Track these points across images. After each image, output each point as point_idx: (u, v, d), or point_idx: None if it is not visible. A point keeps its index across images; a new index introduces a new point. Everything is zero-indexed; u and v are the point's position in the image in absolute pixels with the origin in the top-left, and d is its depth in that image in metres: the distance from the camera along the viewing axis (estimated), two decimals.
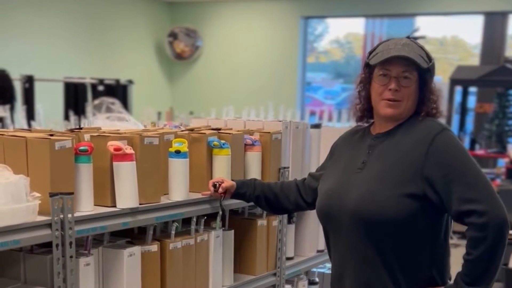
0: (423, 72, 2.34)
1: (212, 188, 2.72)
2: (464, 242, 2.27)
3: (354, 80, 2.54)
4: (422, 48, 2.38)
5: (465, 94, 10.13)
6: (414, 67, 2.32)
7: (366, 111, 2.47)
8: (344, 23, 12.22)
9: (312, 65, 12.49)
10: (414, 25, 10.82)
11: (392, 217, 2.23)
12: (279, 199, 2.78)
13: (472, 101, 10.41)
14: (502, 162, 9.14)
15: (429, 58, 2.38)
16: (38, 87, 8.10)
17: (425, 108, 2.38)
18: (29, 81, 7.96)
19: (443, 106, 2.46)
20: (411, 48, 2.34)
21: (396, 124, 2.38)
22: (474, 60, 10.99)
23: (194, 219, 2.75)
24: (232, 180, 2.80)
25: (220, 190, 2.72)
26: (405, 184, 2.24)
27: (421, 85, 2.37)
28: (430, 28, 11.54)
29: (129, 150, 2.40)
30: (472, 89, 10.34)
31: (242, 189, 2.78)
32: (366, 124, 2.53)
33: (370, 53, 2.43)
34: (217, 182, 2.73)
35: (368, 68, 2.42)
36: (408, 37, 2.43)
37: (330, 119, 5.59)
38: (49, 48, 9.79)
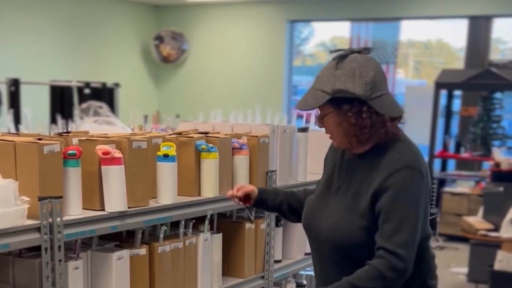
0: (335, 100, 2.25)
1: (232, 193, 2.64)
2: (450, 244, 2.31)
3: None
4: (334, 74, 2.25)
5: (450, 97, 10.19)
6: (324, 104, 2.28)
7: None
8: (329, 27, 12.27)
9: (298, 68, 12.52)
10: (399, 29, 10.88)
11: (360, 244, 2.28)
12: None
13: (457, 105, 10.47)
14: (487, 165, 9.20)
15: (334, 86, 2.24)
16: (23, 90, 8.06)
17: (355, 134, 2.29)
18: (15, 84, 7.92)
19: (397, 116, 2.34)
20: (317, 85, 2.29)
21: (365, 151, 2.35)
22: (459, 63, 11.06)
23: (183, 223, 2.76)
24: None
25: (239, 193, 2.61)
26: (367, 216, 2.26)
27: (342, 112, 2.27)
28: (415, 31, 11.62)
29: (117, 154, 2.41)
30: (457, 93, 10.40)
31: (264, 195, 2.66)
32: None
33: None
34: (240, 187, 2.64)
35: None
36: (337, 50, 2.32)
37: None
38: (35, 51, 9.75)
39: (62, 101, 8.55)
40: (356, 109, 2.25)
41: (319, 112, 2.33)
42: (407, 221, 2.20)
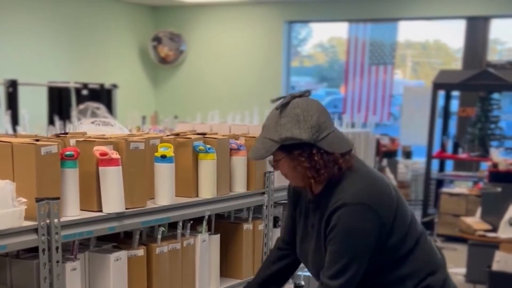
0: (284, 147, 2.32)
1: None
2: (448, 245, 2.34)
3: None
4: (279, 122, 2.31)
5: (448, 98, 10.20)
6: (275, 151, 2.35)
7: None
8: (327, 28, 12.29)
9: (296, 69, 12.53)
10: (397, 30, 10.90)
11: None
12: (280, 271, 2.76)
13: (455, 105, 10.49)
14: (485, 166, 9.21)
15: (280, 134, 2.30)
16: (21, 91, 8.06)
17: (308, 176, 2.35)
18: (12, 85, 7.92)
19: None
20: (264, 132, 2.36)
21: (320, 190, 2.42)
22: (456, 64, 11.08)
23: (180, 224, 2.76)
24: None
25: None
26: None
27: (292, 157, 2.34)
28: (413, 32, 11.64)
29: (115, 155, 2.40)
30: (455, 93, 10.42)
31: None
32: None
33: None
34: None
35: None
36: (278, 99, 2.39)
37: None
38: (33, 52, 9.75)
39: (60, 102, 8.55)
40: (306, 153, 2.31)
41: (272, 158, 2.41)
42: (343, 254, 2.30)
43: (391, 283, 2.41)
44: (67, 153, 2.32)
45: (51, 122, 7.03)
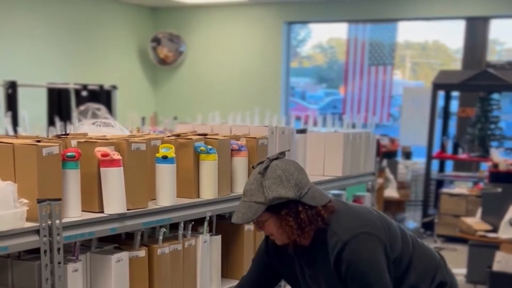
0: (270, 207, 2.38)
1: None
2: (448, 245, 2.39)
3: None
4: (262, 184, 2.38)
5: (447, 98, 10.20)
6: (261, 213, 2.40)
7: None
8: (326, 28, 12.29)
9: (295, 70, 12.53)
10: (396, 30, 10.90)
11: None
12: None
13: (454, 106, 10.49)
14: (485, 166, 9.20)
15: (266, 195, 2.37)
16: (21, 93, 8.06)
17: (294, 233, 2.41)
18: (12, 86, 7.91)
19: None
20: (248, 198, 2.40)
21: (307, 244, 2.47)
22: (456, 64, 11.09)
23: (182, 224, 2.76)
24: None
25: None
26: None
27: (278, 215, 2.40)
28: (412, 33, 11.64)
29: (116, 156, 2.40)
30: (455, 94, 10.42)
31: None
32: None
33: None
34: None
35: None
36: (269, 160, 2.43)
37: (315, 124, 5.63)
38: (32, 54, 9.74)
39: (59, 104, 8.54)
40: (293, 211, 2.39)
41: (255, 220, 2.44)
42: (371, 285, 2.35)
43: None
44: (69, 154, 2.31)
45: (51, 123, 7.02)
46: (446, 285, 2.59)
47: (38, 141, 2.29)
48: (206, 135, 3.02)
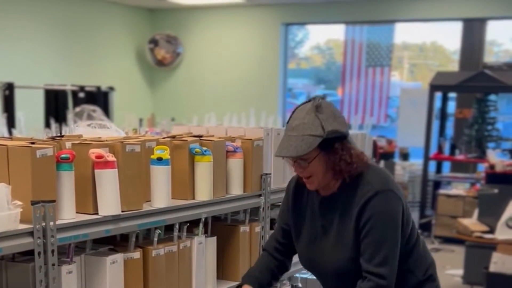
0: (322, 143, 2.40)
1: None
2: (445, 246, 2.43)
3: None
4: (318, 117, 2.40)
5: (444, 99, 10.20)
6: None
7: None
8: (324, 30, 12.28)
9: (293, 71, 12.53)
10: (394, 32, 10.91)
11: (358, 272, 2.47)
12: (276, 272, 2.75)
13: (451, 107, 10.49)
14: (482, 167, 9.21)
15: (324, 128, 2.39)
16: (18, 94, 8.05)
17: (337, 171, 2.46)
18: (9, 88, 7.90)
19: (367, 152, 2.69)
20: (300, 132, 2.40)
21: (336, 189, 2.52)
22: (453, 65, 11.08)
23: (177, 226, 2.75)
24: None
25: None
26: (354, 248, 2.47)
27: (326, 152, 2.43)
28: (409, 34, 11.64)
29: (110, 157, 2.40)
30: (452, 95, 10.43)
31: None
32: None
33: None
34: None
35: None
36: (317, 98, 2.46)
37: None
38: (30, 55, 9.74)
39: (56, 105, 8.53)
40: (345, 146, 2.45)
41: (300, 158, 2.43)
42: (385, 242, 2.42)
43: (403, 271, 2.52)
44: (63, 155, 2.31)
45: (47, 125, 7.01)
46: (435, 281, 2.65)
47: (32, 143, 2.29)
48: (201, 136, 3.02)
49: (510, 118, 11.19)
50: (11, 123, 6.87)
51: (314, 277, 3.80)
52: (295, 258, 2.85)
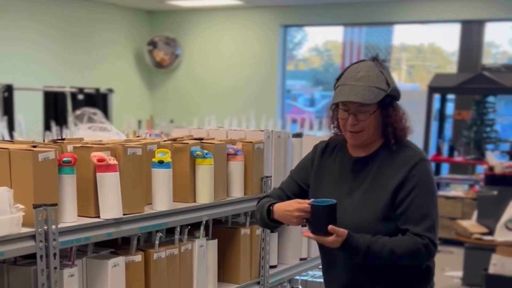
0: (382, 99, 2.44)
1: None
2: (444, 248, 2.44)
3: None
4: (382, 72, 2.46)
5: (443, 101, 10.21)
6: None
7: (339, 129, 2.60)
8: (322, 31, 12.29)
9: (291, 72, 12.53)
10: (392, 33, 10.92)
11: (386, 235, 2.44)
12: None
13: (450, 108, 10.50)
14: (481, 169, 9.22)
15: (388, 83, 2.46)
16: (17, 96, 8.05)
17: (389, 131, 2.49)
18: (8, 90, 7.90)
19: (410, 121, 2.56)
20: (366, 82, 2.42)
21: (373, 151, 2.53)
22: (451, 67, 11.09)
23: (178, 229, 2.76)
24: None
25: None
26: (386, 209, 2.45)
27: (383, 110, 2.47)
28: (407, 36, 11.65)
29: (112, 161, 2.40)
30: (450, 96, 10.43)
31: None
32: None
33: (337, 79, 2.53)
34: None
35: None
36: (374, 58, 2.51)
37: (311, 127, 5.63)
38: (29, 57, 9.73)
39: (55, 107, 8.54)
40: (397, 106, 2.51)
41: (357, 110, 2.44)
42: (431, 208, 2.45)
43: None
44: (65, 159, 2.31)
45: (47, 127, 7.01)
46: (433, 275, 2.61)
47: (34, 146, 2.29)
48: (202, 139, 3.02)
49: (509, 120, 11.20)
50: (10, 125, 6.87)
51: (314, 280, 3.82)
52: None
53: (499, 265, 6.02)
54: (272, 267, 3.40)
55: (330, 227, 2.32)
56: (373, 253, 2.38)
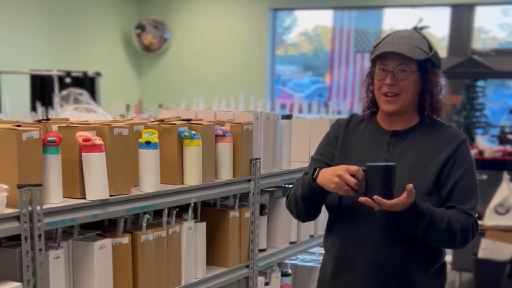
0: (423, 62, 2.40)
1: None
2: None
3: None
4: (424, 38, 2.45)
5: None
6: (412, 60, 2.38)
7: (372, 102, 2.56)
8: (312, 16, 12.23)
9: (280, 57, 12.47)
10: (382, 18, 10.87)
11: None
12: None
13: None
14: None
15: (430, 49, 2.43)
16: (3, 80, 7.96)
17: (427, 99, 2.45)
18: None
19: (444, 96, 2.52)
20: (408, 41, 2.39)
21: (411, 126, 2.49)
22: (441, 52, 11.05)
23: (166, 211, 2.72)
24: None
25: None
26: (432, 184, 2.40)
27: (422, 76, 2.43)
28: (397, 20, 11.61)
29: (98, 140, 2.36)
30: None
31: None
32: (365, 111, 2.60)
33: (375, 46, 2.49)
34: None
35: (373, 62, 2.50)
36: (415, 28, 2.52)
37: (300, 111, 5.59)
38: (15, 40, 9.61)
39: (42, 91, 8.46)
40: (438, 75, 2.46)
41: (397, 70, 2.39)
42: (476, 189, 2.45)
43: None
44: (49, 138, 2.27)
45: (34, 109, 6.93)
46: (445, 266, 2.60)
47: (18, 126, 2.24)
48: (190, 120, 2.98)
49: (498, 105, 11.20)
50: None
51: (304, 264, 3.80)
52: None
53: (488, 249, 6.03)
54: (261, 250, 3.37)
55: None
56: (436, 222, 2.31)
